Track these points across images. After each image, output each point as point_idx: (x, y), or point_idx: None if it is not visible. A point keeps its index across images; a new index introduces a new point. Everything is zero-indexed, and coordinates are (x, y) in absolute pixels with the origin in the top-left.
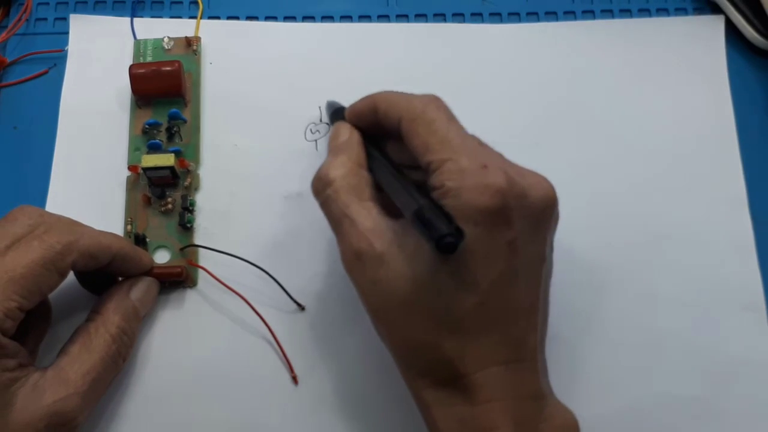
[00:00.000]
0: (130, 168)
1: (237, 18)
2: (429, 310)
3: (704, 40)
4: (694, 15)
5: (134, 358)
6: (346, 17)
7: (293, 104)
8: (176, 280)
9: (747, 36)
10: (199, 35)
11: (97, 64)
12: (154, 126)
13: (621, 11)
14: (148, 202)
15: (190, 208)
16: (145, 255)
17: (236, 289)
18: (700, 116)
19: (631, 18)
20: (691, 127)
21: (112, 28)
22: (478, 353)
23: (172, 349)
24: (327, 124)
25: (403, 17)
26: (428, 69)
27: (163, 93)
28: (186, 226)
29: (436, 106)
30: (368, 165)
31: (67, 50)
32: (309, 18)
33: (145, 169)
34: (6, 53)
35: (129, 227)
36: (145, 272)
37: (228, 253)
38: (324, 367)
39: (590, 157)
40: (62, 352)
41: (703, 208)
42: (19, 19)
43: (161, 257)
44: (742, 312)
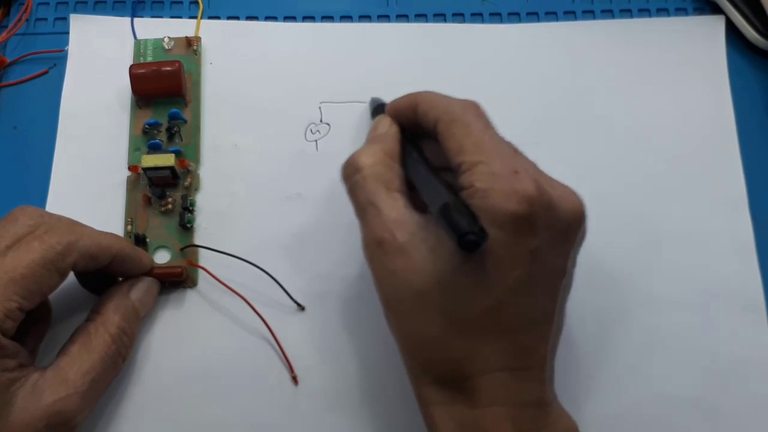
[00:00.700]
0: (130, 168)
1: (237, 18)
2: (442, 306)
3: (704, 41)
4: (695, 15)
5: (134, 358)
6: (346, 17)
7: (293, 104)
8: (176, 281)
9: (747, 36)
10: (200, 35)
11: (98, 64)
12: (154, 126)
13: (621, 11)
14: (148, 202)
15: (191, 209)
16: (146, 255)
17: (236, 290)
18: (700, 116)
19: (632, 18)
20: (692, 128)
21: (113, 28)
22: (486, 357)
23: (172, 349)
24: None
25: (403, 17)
26: (428, 69)
27: (164, 93)
28: (186, 227)
29: (475, 112)
30: (402, 160)
31: (67, 50)
32: (309, 18)
33: (146, 169)
34: (6, 53)
35: (129, 227)
36: (145, 272)
37: (228, 254)
38: (324, 367)
39: (590, 157)
40: (62, 352)
41: (703, 208)
42: (20, 19)
43: (161, 257)
44: (742, 312)
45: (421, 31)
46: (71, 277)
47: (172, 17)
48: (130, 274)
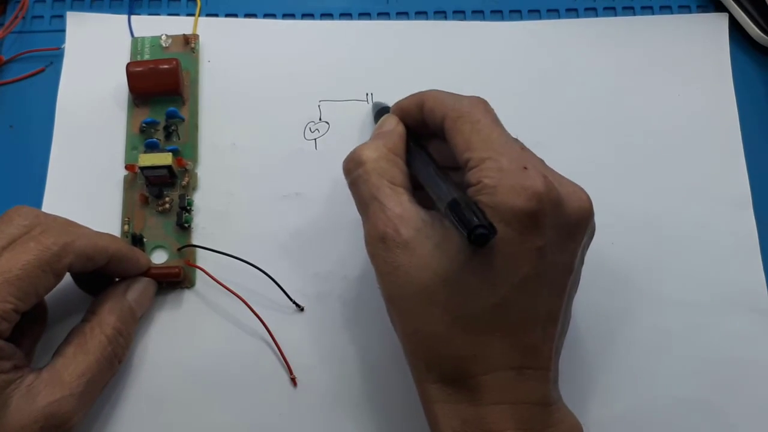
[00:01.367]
0: (127, 167)
1: (235, 15)
2: (446, 303)
3: (708, 38)
4: (698, 12)
5: (131, 360)
6: (346, 15)
7: (292, 103)
8: (174, 281)
9: (751, 34)
10: (197, 33)
11: (94, 62)
12: (151, 125)
13: (624, 9)
14: (145, 201)
15: (188, 208)
16: (143, 255)
17: (234, 290)
18: (703, 115)
19: (634, 15)
20: (695, 126)
21: (109, 25)
22: (490, 355)
23: (170, 350)
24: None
25: (403, 15)
26: (428, 67)
27: (161, 91)
28: (184, 226)
29: (483, 108)
30: (409, 159)
31: (63, 48)
32: (308, 15)
33: (143, 168)
34: (2, 51)
35: (126, 227)
36: (142, 273)
37: (226, 254)
38: (323, 368)
39: (592, 155)
40: (57, 353)
41: (706, 207)
42: (16, 17)
43: (158, 257)
44: (747, 313)
45: (421, 28)
46: (67, 277)
47: (169, 15)
48: (127, 275)
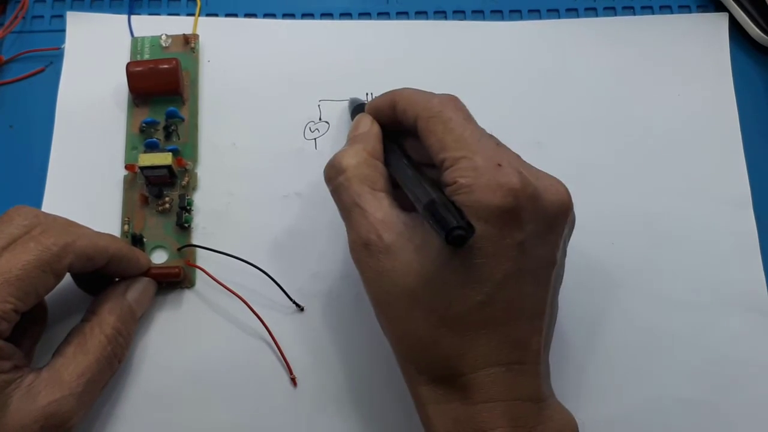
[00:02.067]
0: (127, 167)
1: (235, 15)
2: (431, 304)
3: (708, 38)
4: (698, 12)
5: (131, 359)
6: (346, 15)
7: (292, 102)
8: (174, 281)
9: (751, 34)
10: (197, 33)
11: (94, 61)
12: (151, 124)
13: (624, 8)
14: (145, 201)
15: (188, 208)
16: (143, 255)
17: (234, 290)
18: (703, 114)
19: (634, 15)
20: (695, 126)
21: (109, 25)
22: (478, 353)
23: (169, 350)
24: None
25: (403, 14)
26: (429, 67)
27: (161, 91)
28: (183, 226)
29: (454, 106)
30: (385, 159)
31: (63, 48)
32: (308, 15)
33: (143, 168)
34: (2, 51)
35: (126, 227)
36: (142, 273)
37: (226, 254)
38: (323, 368)
39: (592, 155)
40: (57, 353)
41: (706, 207)
42: (16, 17)
43: (158, 257)
44: (746, 313)
45: (421, 28)
46: (67, 277)
47: (169, 14)
48: (127, 275)
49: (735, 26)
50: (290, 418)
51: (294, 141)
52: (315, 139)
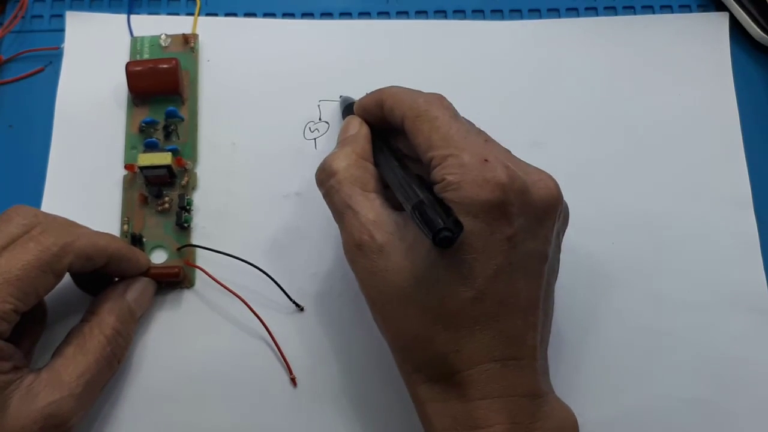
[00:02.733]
0: (126, 167)
1: (235, 15)
2: (424, 302)
3: (708, 38)
4: (698, 12)
5: (130, 360)
6: (346, 14)
7: (292, 102)
8: (173, 281)
9: (751, 33)
10: (197, 32)
11: (94, 61)
12: (150, 124)
13: (624, 8)
14: (144, 201)
15: (188, 208)
16: (142, 255)
17: (234, 290)
18: (704, 114)
19: (635, 15)
20: (695, 126)
21: (109, 25)
22: (473, 349)
23: (169, 350)
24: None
25: (403, 14)
26: (429, 66)
27: (160, 91)
28: (183, 226)
29: (440, 104)
30: (375, 159)
31: (63, 48)
32: (308, 15)
33: (142, 168)
34: (2, 51)
35: (125, 227)
36: (141, 273)
37: (226, 253)
38: (323, 368)
39: (593, 155)
40: (57, 354)
41: (707, 207)
42: (15, 17)
43: (158, 257)
44: (747, 313)
45: (421, 28)
46: (67, 277)
47: (169, 14)
48: (127, 275)
49: (735, 26)
50: (290, 418)
51: (294, 141)
52: (315, 139)
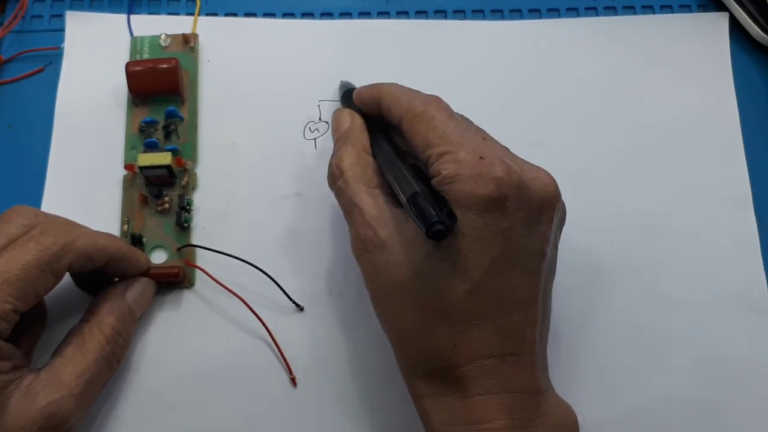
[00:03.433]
0: (126, 167)
1: (235, 15)
2: (422, 296)
3: (708, 38)
4: (698, 12)
5: (130, 360)
6: (346, 14)
7: (292, 102)
8: (173, 281)
9: (752, 33)
10: (197, 32)
11: (94, 61)
12: (150, 124)
13: (624, 8)
14: (144, 201)
15: (188, 208)
16: (142, 255)
17: (234, 290)
18: (704, 114)
19: (635, 15)
20: (695, 125)
21: (109, 25)
22: (471, 344)
23: (169, 350)
24: (338, 101)
25: (403, 14)
26: (429, 66)
27: (160, 91)
28: (183, 226)
29: (437, 105)
30: (372, 150)
31: (63, 48)
32: (308, 15)
33: (142, 168)
34: (1, 51)
35: (125, 227)
36: (141, 273)
37: (226, 253)
38: (323, 368)
39: (593, 155)
40: (56, 353)
41: (707, 207)
42: (15, 17)
43: (158, 257)
44: (747, 312)
45: (421, 28)
46: (67, 277)
47: (169, 14)
48: (127, 275)
49: (736, 26)
50: (290, 418)
51: (294, 141)
52: (315, 139)
